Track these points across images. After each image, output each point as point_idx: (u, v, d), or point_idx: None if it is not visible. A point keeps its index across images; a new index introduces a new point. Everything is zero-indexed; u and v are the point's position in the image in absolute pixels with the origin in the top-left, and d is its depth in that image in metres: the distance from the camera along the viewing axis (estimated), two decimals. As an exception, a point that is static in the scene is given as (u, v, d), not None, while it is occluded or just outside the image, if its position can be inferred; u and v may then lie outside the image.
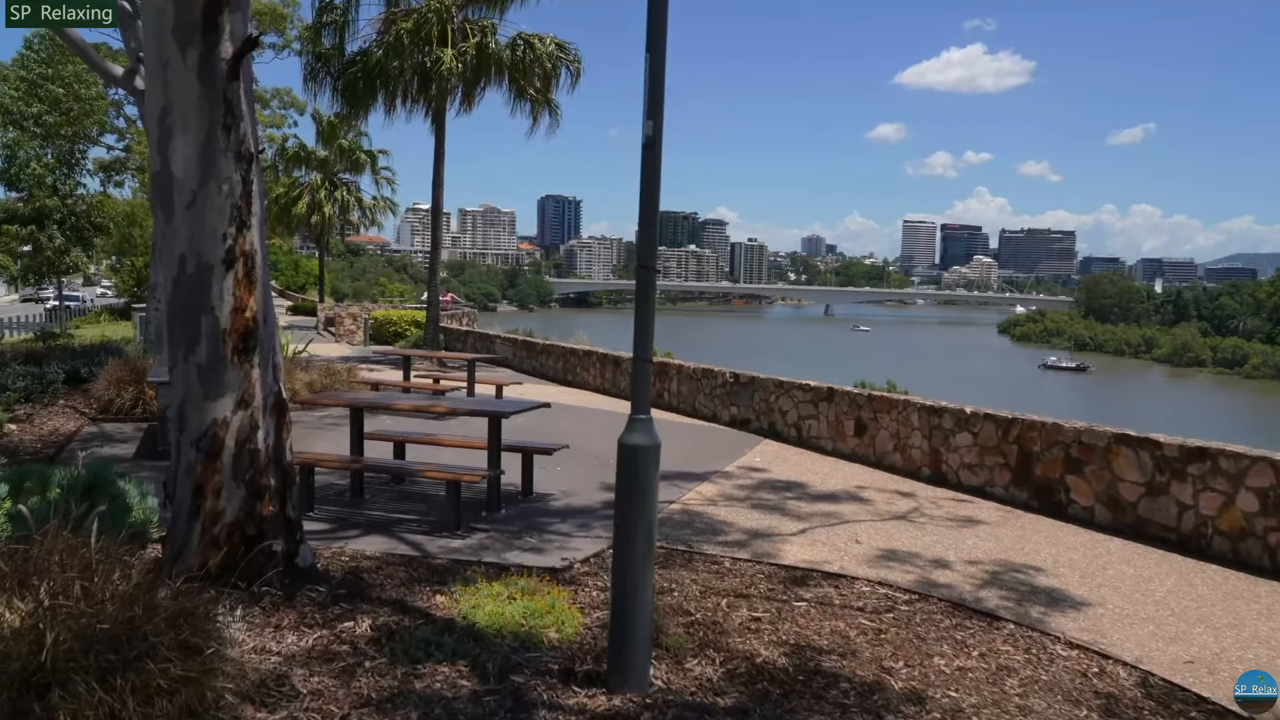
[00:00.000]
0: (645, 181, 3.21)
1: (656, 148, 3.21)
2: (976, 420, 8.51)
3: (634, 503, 3.39)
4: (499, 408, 6.72)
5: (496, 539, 6.04)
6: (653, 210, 3.26)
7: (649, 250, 3.29)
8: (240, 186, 4.08)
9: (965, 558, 6.24)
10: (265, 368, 4.25)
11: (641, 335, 3.32)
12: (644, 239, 3.29)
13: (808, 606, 4.82)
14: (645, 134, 3.15)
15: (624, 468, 3.40)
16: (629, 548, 3.40)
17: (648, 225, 3.28)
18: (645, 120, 3.15)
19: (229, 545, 4.11)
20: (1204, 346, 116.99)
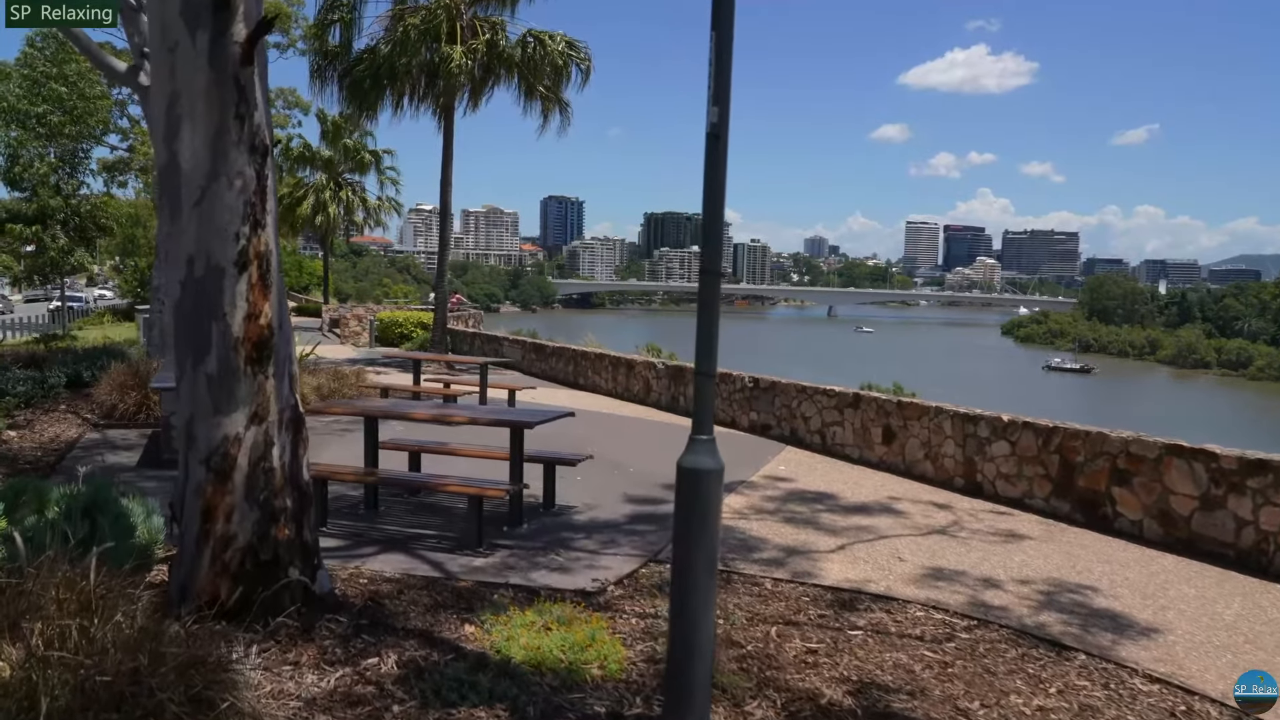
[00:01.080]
0: (710, 176, 2.87)
1: (723, 138, 2.87)
2: (1015, 429, 8.16)
3: (696, 532, 3.05)
4: (522, 418, 6.38)
5: (520, 557, 5.71)
6: (718, 209, 2.92)
7: (714, 253, 2.96)
8: (254, 181, 3.74)
9: (1015, 576, 5.90)
10: (281, 379, 3.91)
11: (704, 347, 2.98)
12: (709, 240, 2.96)
13: (864, 636, 4.48)
14: (710, 121, 2.81)
15: (685, 493, 3.06)
16: (689, 581, 3.06)
17: (713, 225, 2.94)
18: (710, 106, 2.81)
19: (241, 572, 3.77)
20: (1208, 348, 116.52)
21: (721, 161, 2.89)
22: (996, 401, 9.86)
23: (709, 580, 3.08)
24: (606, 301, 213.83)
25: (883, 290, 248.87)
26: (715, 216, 2.94)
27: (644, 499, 7.62)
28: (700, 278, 2.95)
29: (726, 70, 2.87)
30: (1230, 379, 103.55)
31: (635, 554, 5.91)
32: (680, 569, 3.11)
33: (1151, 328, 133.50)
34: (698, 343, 3.01)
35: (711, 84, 2.85)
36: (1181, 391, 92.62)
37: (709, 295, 2.97)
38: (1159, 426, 8.13)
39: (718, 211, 2.93)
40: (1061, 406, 54.40)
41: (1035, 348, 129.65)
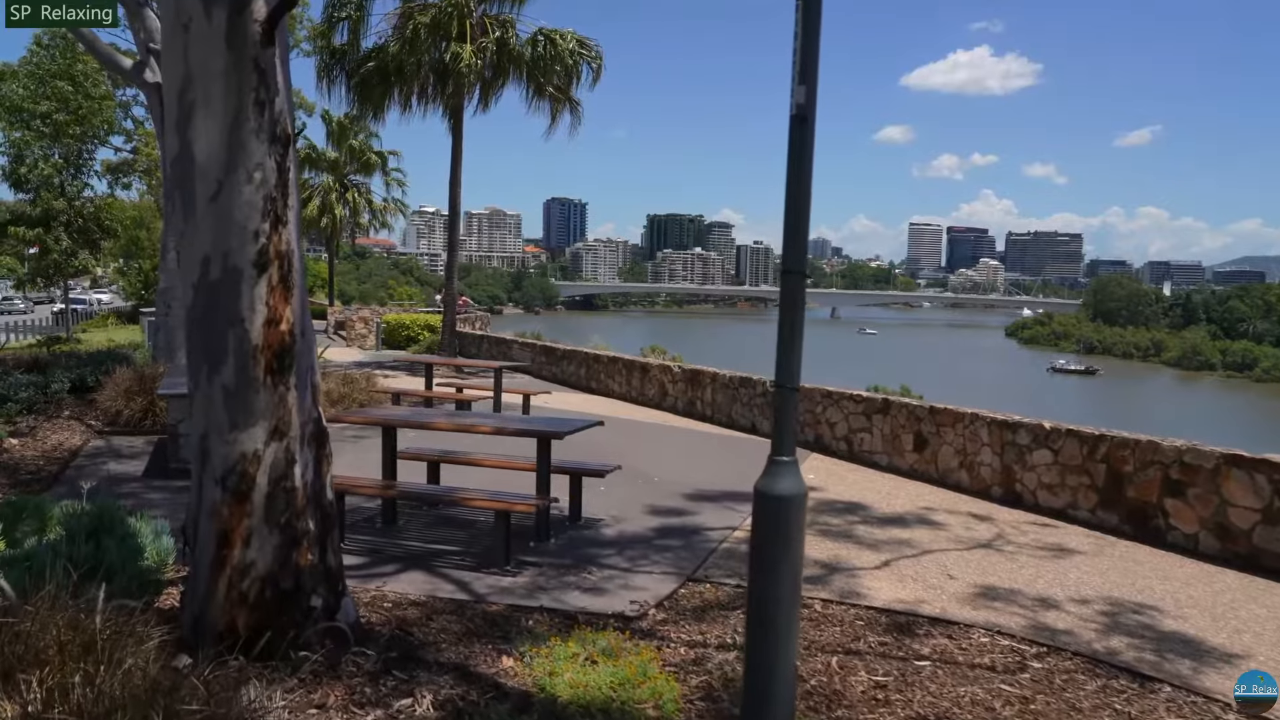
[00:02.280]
0: (794, 164, 2.54)
1: (810, 121, 2.55)
2: (1057, 436, 7.82)
3: (777, 563, 2.72)
4: (551, 428, 6.05)
5: (550, 576, 5.37)
6: (803, 200, 2.59)
7: (798, 251, 2.62)
8: (275, 174, 3.42)
9: (1072, 595, 5.57)
10: (303, 390, 3.58)
11: (786, 357, 2.65)
12: (792, 237, 2.62)
13: (932, 667, 4.14)
14: (796, 103, 2.49)
15: (765, 521, 2.74)
16: (768, 616, 2.73)
17: (797, 219, 2.60)
18: (796, 86, 2.49)
19: (260, 602, 3.44)
20: (1213, 350, 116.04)
21: (808, 147, 2.57)
22: (1001, 403, 9.59)
23: (790, 616, 2.76)
24: (609, 303, 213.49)
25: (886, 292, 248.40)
26: (800, 209, 2.61)
27: (671, 510, 7.30)
28: (781, 279, 2.62)
29: (814, 44, 2.55)
30: (1235, 381, 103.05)
31: (671, 572, 5.58)
32: (758, 602, 2.78)
33: (1156, 329, 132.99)
34: (779, 352, 2.68)
35: (797, 60, 2.52)
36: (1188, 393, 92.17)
37: (792, 299, 2.63)
38: (1168, 429, 7.88)
39: (803, 203, 2.60)
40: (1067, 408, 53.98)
41: (1039, 349, 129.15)
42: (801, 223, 2.61)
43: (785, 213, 2.60)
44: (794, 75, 2.53)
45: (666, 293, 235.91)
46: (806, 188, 2.59)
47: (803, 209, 2.61)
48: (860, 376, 19.53)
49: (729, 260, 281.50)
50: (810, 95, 2.55)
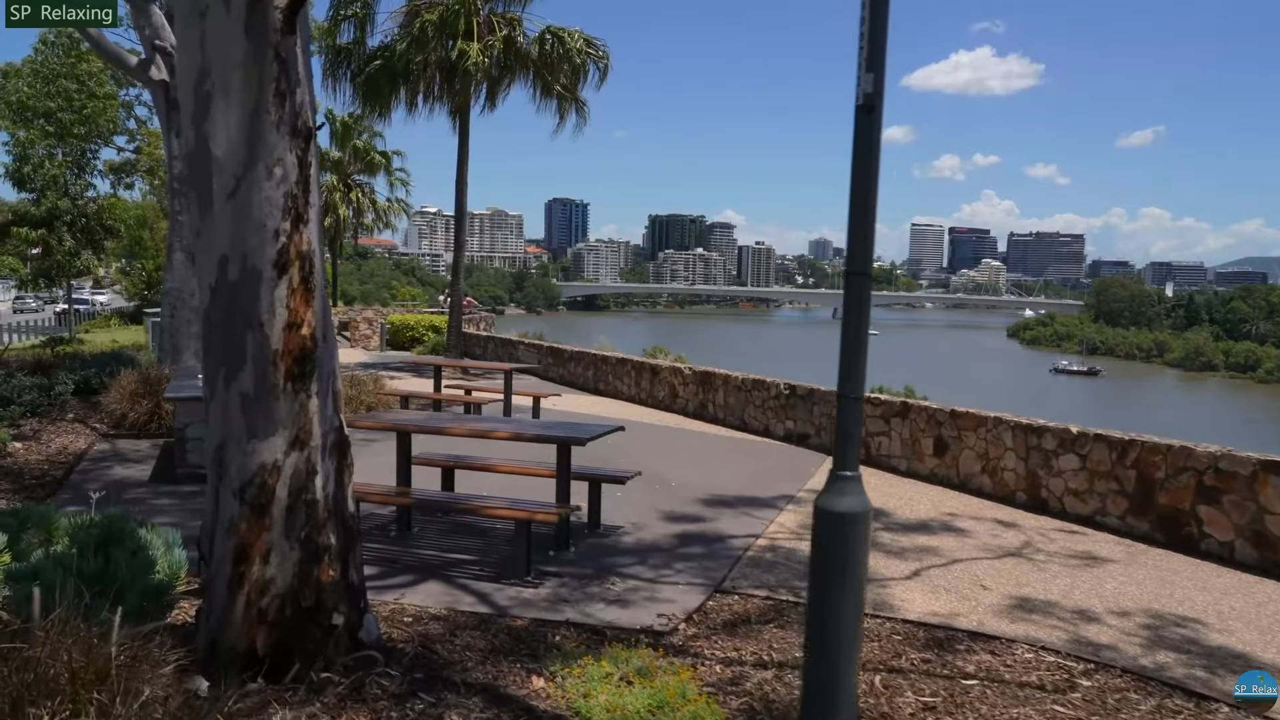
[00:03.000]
0: (861, 156, 2.36)
1: (878, 110, 2.37)
2: (1085, 441, 7.64)
3: (839, 583, 2.55)
4: (572, 434, 5.87)
5: (573, 587, 5.20)
6: (870, 195, 2.41)
7: (864, 250, 2.44)
8: (296, 170, 3.24)
9: (1111, 607, 5.39)
10: (324, 397, 3.41)
11: (850, 364, 2.48)
12: (858, 235, 2.44)
13: (981, 687, 3.96)
14: (864, 91, 2.31)
15: (826, 538, 2.56)
16: (831, 638, 2.56)
17: (862, 216, 2.43)
18: (864, 74, 2.31)
19: (279, 621, 3.26)
20: (1216, 351, 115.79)
21: (875, 139, 2.39)
22: (1004, 404, 9.45)
23: (854, 636, 2.59)
24: (611, 304, 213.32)
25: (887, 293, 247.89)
26: (866, 205, 2.43)
27: (689, 517, 7.13)
28: (845, 280, 2.45)
29: (882, 31, 2.37)
30: (1239, 381, 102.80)
31: (697, 583, 5.41)
32: (820, 620, 2.61)
33: (1159, 330, 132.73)
34: (841, 359, 2.50)
35: (865, 46, 2.35)
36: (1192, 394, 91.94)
37: (857, 299, 2.45)
38: (1172, 430, 7.73)
39: (869, 199, 2.43)
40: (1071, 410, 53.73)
41: (1042, 350, 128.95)
42: (868, 219, 2.44)
43: (850, 209, 2.43)
44: (860, 62, 2.36)
45: (668, 293, 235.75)
46: (873, 182, 2.42)
47: (869, 205, 2.43)
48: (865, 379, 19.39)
49: (730, 261, 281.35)
50: (878, 83, 2.38)
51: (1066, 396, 76.33)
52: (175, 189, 10.80)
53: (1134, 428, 7.67)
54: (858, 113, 2.40)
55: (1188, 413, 65.76)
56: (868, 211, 2.45)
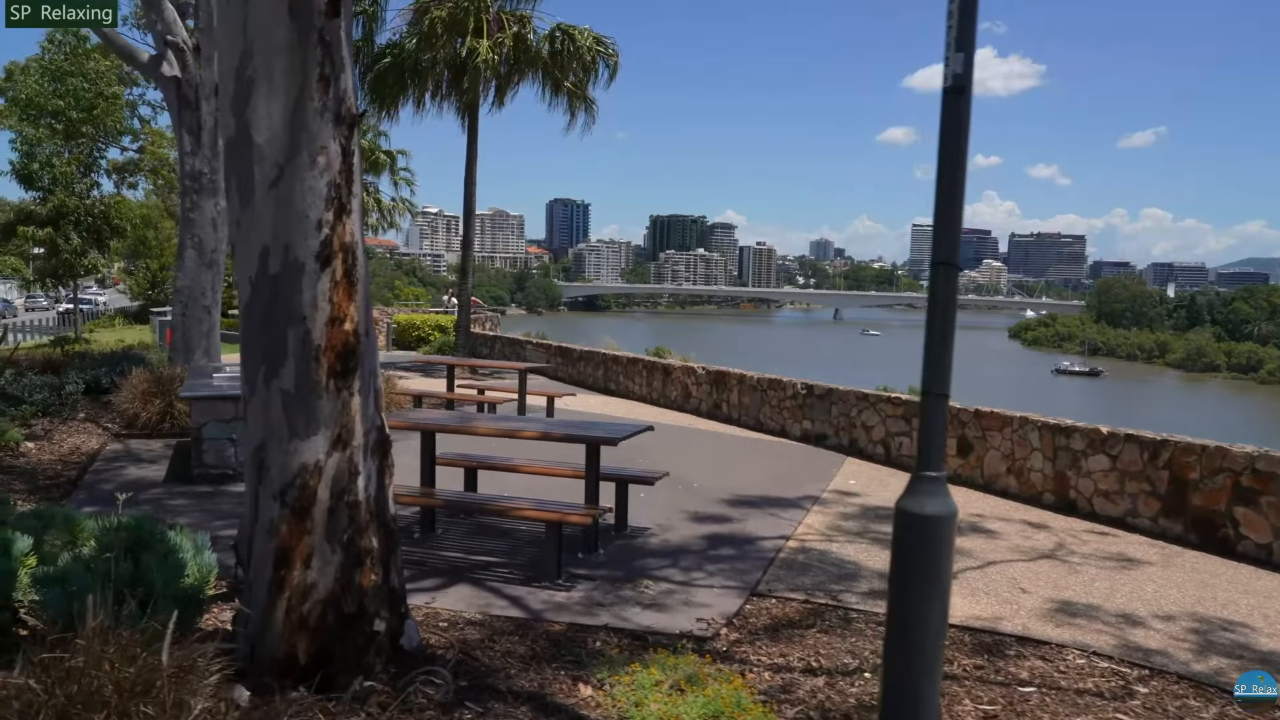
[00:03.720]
0: (949, 141, 2.24)
1: (967, 92, 2.25)
2: (1115, 441, 7.52)
3: (923, 588, 2.44)
4: (600, 433, 5.76)
5: (605, 590, 5.08)
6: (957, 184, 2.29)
7: (951, 240, 2.32)
8: (339, 159, 3.12)
9: (1154, 611, 5.28)
10: (366, 395, 3.29)
11: (936, 359, 2.35)
12: (945, 224, 2.32)
13: (1039, 695, 3.84)
14: (953, 72, 2.19)
15: (909, 542, 2.45)
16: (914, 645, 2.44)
17: (950, 204, 2.30)
18: (953, 54, 2.19)
19: (321, 627, 3.14)
20: (1218, 352, 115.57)
21: (964, 123, 2.27)
22: (1009, 404, 9.35)
23: (938, 644, 2.47)
24: (612, 304, 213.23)
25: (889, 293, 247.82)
26: (953, 193, 2.31)
27: (715, 518, 7.01)
28: (931, 271, 2.33)
29: (973, 6, 2.25)
30: (1241, 382, 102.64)
31: (731, 586, 5.29)
32: (902, 627, 2.49)
33: (1160, 331, 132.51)
34: (926, 353, 2.38)
35: (954, 24, 2.23)
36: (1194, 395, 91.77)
37: (944, 292, 2.32)
38: (1178, 431, 7.62)
39: (957, 187, 2.30)
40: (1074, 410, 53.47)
41: (1043, 351, 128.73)
42: (955, 208, 2.32)
43: (937, 196, 2.31)
44: (949, 42, 2.24)
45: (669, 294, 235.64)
46: (961, 169, 2.30)
47: (956, 193, 2.31)
48: (866, 378, 19.24)
49: (731, 261, 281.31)
50: (968, 64, 2.25)
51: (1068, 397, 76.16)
52: (187, 186, 10.70)
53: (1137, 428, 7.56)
54: (946, 95, 2.28)
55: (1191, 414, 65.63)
56: (955, 199, 2.33)
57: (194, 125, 10.47)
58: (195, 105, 10.41)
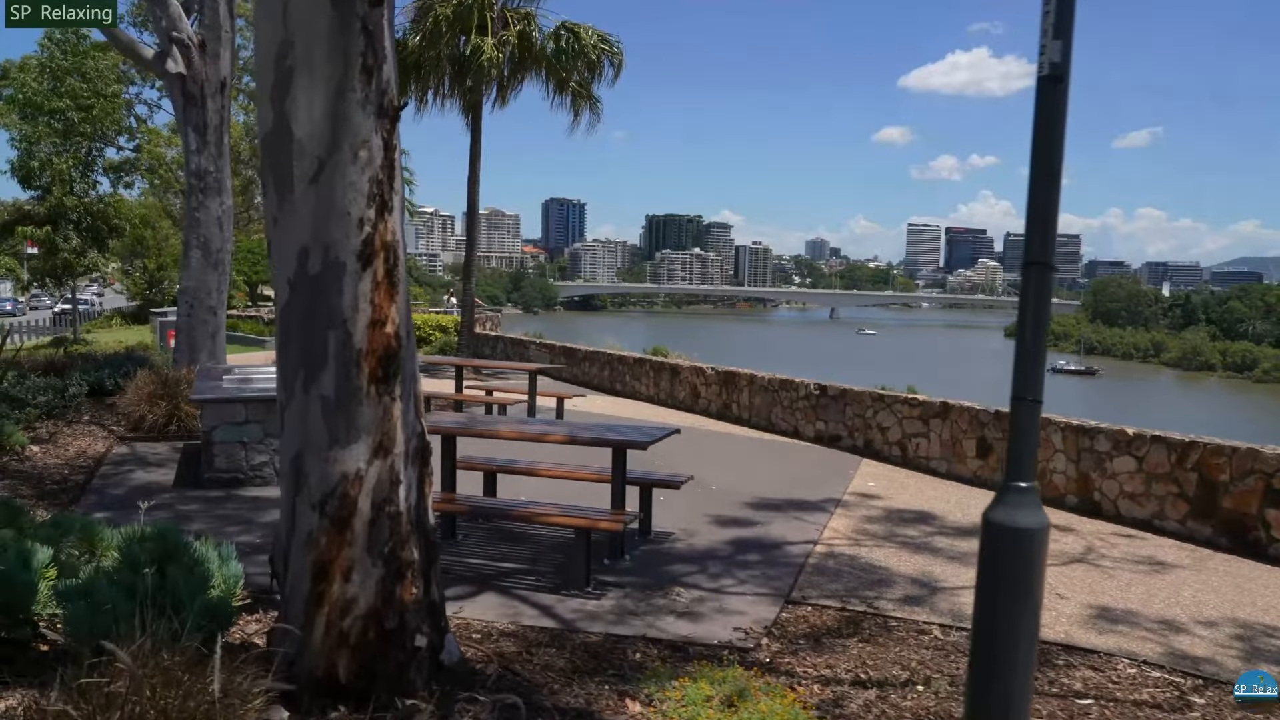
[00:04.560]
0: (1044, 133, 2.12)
1: (1065, 81, 2.12)
2: (1142, 443, 7.41)
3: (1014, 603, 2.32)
4: (628, 436, 5.62)
5: (636, 598, 4.95)
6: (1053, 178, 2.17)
7: (1045, 237, 2.20)
8: (381, 153, 2.98)
9: (1194, 616, 5.17)
10: (407, 400, 3.15)
11: (1028, 363, 2.23)
12: (1039, 220, 2.19)
13: (1098, 708, 3.73)
14: (1049, 60, 2.07)
15: (998, 554, 2.33)
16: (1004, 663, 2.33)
17: (1046, 200, 2.18)
18: (1050, 41, 2.07)
19: (362, 643, 3.00)
20: (1214, 351, 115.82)
21: (1060, 113, 2.15)
22: (1006, 405, 9.22)
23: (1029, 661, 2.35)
24: (608, 304, 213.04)
25: (885, 293, 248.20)
26: (1048, 188, 2.18)
27: (739, 521, 6.89)
28: (1024, 270, 2.20)
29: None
30: (1236, 381, 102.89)
31: (764, 593, 5.17)
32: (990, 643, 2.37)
33: (1156, 330, 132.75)
34: (1017, 357, 2.26)
35: (1051, 10, 2.10)
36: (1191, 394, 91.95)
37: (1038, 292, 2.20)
38: (1176, 429, 7.55)
39: (1052, 181, 2.18)
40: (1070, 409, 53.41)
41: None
42: (1050, 203, 2.19)
43: (1031, 190, 2.18)
44: (1045, 29, 2.11)
45: (665, 293, 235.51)
46: (1058, 161, 2.17)
47: (1052, 188, 2.18)
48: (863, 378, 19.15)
49: (728, 261, 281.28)
50: (1066, 51, 2.13)
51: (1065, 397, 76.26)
52: (192, 185, 10.54)
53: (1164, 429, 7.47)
54: (1042, 84, 2.15)
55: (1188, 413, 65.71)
56: (1051, 194, 2.20)
57: (199, 123, 10.30)
58: (200, 102, 10.24)
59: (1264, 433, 44.80)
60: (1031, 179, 2.20)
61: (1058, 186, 2.20)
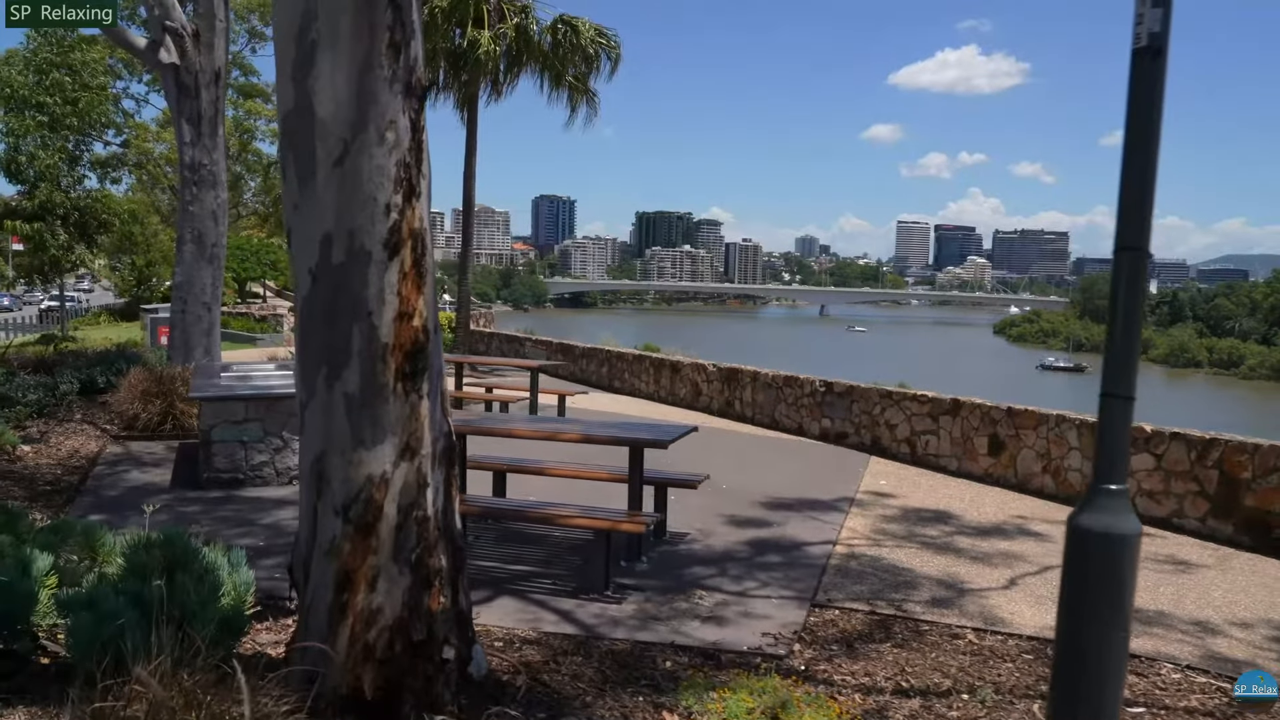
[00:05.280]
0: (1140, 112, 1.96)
1: (1164, 54, 1.96)
2: (1160, 440, 7.29)
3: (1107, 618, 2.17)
4: (647, 435, 5.46)
5: (658, 603, 4.78)
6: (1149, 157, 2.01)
7: (1140, 221, 2.04)
8: (409, 134, 2.79)
9: (1227, 618, 5.06)
10: (434, 398, 2.97)
11: (1121, 356, 2.07)
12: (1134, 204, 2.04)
13: (1148, 714, 3.59)
14: (1148, 30, 1.91)
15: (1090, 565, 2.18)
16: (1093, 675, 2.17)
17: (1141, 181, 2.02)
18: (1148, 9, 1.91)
19: (389, 657, 2.82)
20: (1200, 347, 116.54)
21: (1158, 90, 1.98)
22: (998, 398, 9.20)
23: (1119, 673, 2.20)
24: (599, 301, 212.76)
25: (874, 290, 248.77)
26: (1144, 168, 2.03)
27: (754, 521, 6.73)
28: (1115, 258, 2.04)
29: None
30: (1222, 378, 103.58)
31: (788, 596, 5.01)
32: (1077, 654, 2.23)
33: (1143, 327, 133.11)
34: (1108, 350, 2.10)
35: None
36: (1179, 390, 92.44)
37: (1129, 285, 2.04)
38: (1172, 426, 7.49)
39: (1148, 161, 2.02)
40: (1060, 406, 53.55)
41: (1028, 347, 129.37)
42: (1146, 186, 2.03)
43: (1124, 172, 2.03)
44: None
45: (655, 290, 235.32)
46: (1154, 141, 2.01)
47: (1148, 169, 2.02)
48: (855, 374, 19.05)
49: (718, 258, 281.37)
50: (1166, 21, 1.97)
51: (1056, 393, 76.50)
52: (186, 177, 10.30)
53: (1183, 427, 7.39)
54: (1138, 58, 2.00)
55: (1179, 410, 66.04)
56: (1147, 176, 2.05)
57: (193, 114, 10.06)
58: (195, 93, 10.00)
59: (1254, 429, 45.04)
60: (1125, 159, 2.04)
61: (1154, 167, 2.04)
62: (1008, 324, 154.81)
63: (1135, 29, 1.99)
